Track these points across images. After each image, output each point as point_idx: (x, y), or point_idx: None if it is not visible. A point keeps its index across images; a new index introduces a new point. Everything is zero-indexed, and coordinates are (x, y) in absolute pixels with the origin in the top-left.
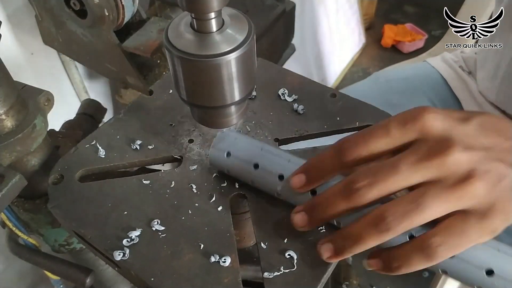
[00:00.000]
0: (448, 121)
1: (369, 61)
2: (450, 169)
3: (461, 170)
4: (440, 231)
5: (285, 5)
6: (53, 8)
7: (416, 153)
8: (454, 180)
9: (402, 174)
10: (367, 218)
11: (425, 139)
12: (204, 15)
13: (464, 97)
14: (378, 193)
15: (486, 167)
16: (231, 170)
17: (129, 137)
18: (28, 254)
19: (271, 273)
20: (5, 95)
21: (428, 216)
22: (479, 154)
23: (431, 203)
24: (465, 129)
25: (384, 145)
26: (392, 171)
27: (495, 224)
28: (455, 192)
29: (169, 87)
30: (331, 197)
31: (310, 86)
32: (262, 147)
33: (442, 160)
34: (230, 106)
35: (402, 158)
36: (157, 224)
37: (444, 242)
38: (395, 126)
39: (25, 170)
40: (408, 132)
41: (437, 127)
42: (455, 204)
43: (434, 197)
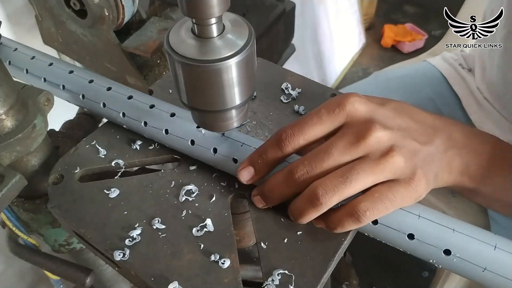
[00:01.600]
0: (369, 105)
1: (369, 61)
2: (373, 146)
3: (383, 146)
4: (367, 197)
5: (285, 5)
6: (53, 8)
7: (345, 137)
8: (377, 155)
9: (334, 157)
10: (304, 195)
11: (351, 122)
12: (205, 21)
13: (464, 94)
14: (316, 177)
15: (403, 143)
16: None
17: (129, 137)
18: (28, 254)
19: (271, 272)
20: (5, 95)
21: (356, 188)
22: (396, 133)
23: (358, 176)
24: (384, 112)
25: (318, 132)
26: (325, 157)
27: (418, 190)
28: (379, 164)
29: (169, 87)
30: (276, 185)
31: (310, 86)
32: None
33: (367, 140)
34: (231, 110)
35: (333, 143)
36: (157, 224)
37: (371, 207)
38: (325, 113)
39: (25, 170)
40: (337, 117)
41: (361, 110)
42: (379, 175)
43: (361, 171)
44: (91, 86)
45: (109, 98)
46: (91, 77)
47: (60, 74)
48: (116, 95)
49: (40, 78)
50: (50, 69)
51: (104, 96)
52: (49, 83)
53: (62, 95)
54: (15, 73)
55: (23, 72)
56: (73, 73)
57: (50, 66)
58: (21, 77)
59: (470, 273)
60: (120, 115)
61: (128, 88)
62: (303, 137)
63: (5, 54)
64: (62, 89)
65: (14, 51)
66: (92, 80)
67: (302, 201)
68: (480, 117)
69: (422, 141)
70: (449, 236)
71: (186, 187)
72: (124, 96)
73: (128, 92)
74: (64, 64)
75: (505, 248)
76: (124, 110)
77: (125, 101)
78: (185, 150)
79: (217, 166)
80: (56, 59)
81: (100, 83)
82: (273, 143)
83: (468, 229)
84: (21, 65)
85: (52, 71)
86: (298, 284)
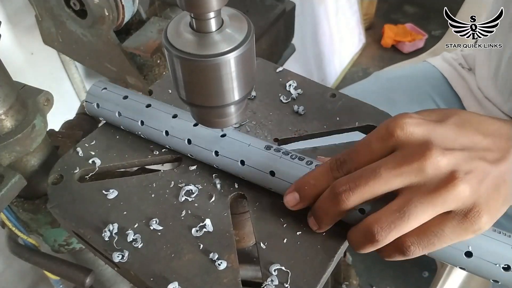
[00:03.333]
0: (424, 125)
1: (369, 61)
2: (430, 172)
3: (442, 173)
4: (415, 231)
5: (285, 5)
6: (53, 8)
7: (396, 158)
8: (436, 184)
9: (381, 178)
10: (359, 229)
11: (404, 145)
12: (203, 15)
13: (464, 94)
14: (360, 197)
15: (468, 167)
16: None
17: (129, 137)
18: (28, 254)
19: (270, 273)
20: (5, 95)
21: (415, 223)
22: (459, 154)
23: (417, 210)
24: (443, 131)
25: (369, 161)
26: (371, 176)
27: (478, 224)
28: (439, 196)
29: (169, 87)
30: (322, 204)
31: (310, 86)
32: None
33: (421, 164)
34: (230, 106)
35: (382, 163)
36: (156, 224)
37: (417, 242)
38: (375, 141)
39: (25, 170)
40: (387, 143)
41: (414, 133)
42: (440, 208)
43: (418, 203)
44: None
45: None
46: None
47: None
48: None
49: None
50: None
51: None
52: None
53: None
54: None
55: None
56: None
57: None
58: None
59: None
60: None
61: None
62: (355, 164)
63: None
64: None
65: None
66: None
67: (359, 235)
68: None
69: (493, 159)
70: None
71: (186, 187)
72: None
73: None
74: None
75: None
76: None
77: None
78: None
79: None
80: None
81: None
82: (325, 170)
83: None
84: None
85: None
86: (298, 284)
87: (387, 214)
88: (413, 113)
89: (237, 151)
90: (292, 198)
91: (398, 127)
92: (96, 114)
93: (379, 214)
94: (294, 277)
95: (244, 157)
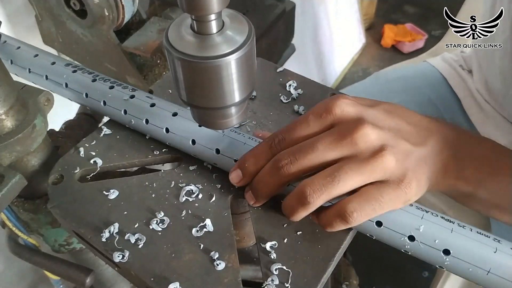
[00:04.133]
0: (358, 106)
1: (369, 61)
2: (362, 144)
3: (373, 146)
4: (355, 198)
5: (285, 5)
6: (53, 8)
7: (332, 133)
8: (367, 155)
9: (319, 152)
10: (293, 193)
11: (340, 123)
12: (204, 17)
13: (464, 96)
14: (299, 169)
15: (394, 143)
16: None
17: (129, 137)
18: (28, 254)
19: (270, 273)
20: (5, 95)
21: (344, 188)
22: (387, 132)
23: (346, 176)
24: (374, 112)
25: (307, 138)
26: (309, 149)
27: (407, 193)
28: (368, 164)
29: (169, 87)
30: (262, 177)
31: (310, 86)
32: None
33: (355, 137)
34: (231, 107)
35: (320, 138)
36: (156, 224)
37: (358, 208)
38: (312, 118)
39: (25, 170)
40: (325, 121)
41: (349, 111)
42: (369, 176)
43: (349, 170)
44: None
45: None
46: (94, 75)
47: (63, 72)
48: (139, 102)
49: (42, 76)
50: (52, 68)
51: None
52: (51, 81)
53: (65, 94)
54: (18, 72)
55: (25, 71)
56: (77, 72)
57: (52, 65)
58: (23, 75)
59: (472, 275)
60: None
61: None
62: (293, 141)
63: (7, 53)
64: (65, 87)
65: (17, 50)
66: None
67: (292, 199)
68: (480, 119)
69: (415, 143)
70: (448, 236)
71: (186, 188)
72: (147, 104)
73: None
74: (66, 62)
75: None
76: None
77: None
78: (186, 149)
79: (217, 165)
80: (57, 57)
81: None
82: (264, 147)
83: (467, 230)
84: (24, 64)
85: (54, 69)
86: (298, 284)
87: (319, 178)
88: (347, 96)
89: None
90: (236, 175)
91: (336, 106)
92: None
93: (312, 178)
94: (294, 277)
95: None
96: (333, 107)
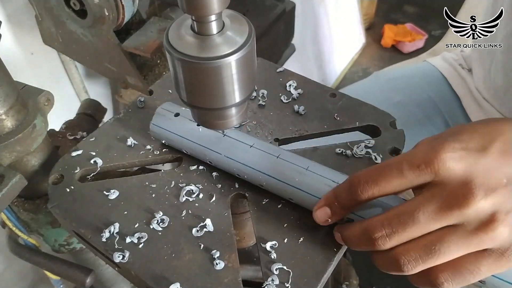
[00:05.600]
0: (466, 160)
1: (369, 61)
2: (471, 217)
3: (483, 215)
4: (449, 267)
5: (285, 5)
6: (53, 8)
7: (435, 201)
8: (475, 225)
9: (420, 224)
10: (385, 257)
11: (443, 182)
12: (204, 18)
13: (463, 94)
14: (397, 242)
15: (508, 206)
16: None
17: (129, 137)
18: (28, 254)
19: (271, 273)
20: (5, 95)
21: (445, 260)
22: (501, 193)
23: (450, 249)
24: (486, 163)
25: (396, 187)
26: (410, 222)
27: (511, 260)
28: (476, 237)
29: (169, 87)
30: (354, 238)
31: (310, 86)
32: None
33: (463, 208)
34: (231, 107)
35: (421, 206)
36: (156, 224)
37: (451, 279)
38: (408, 168)
39: (25, 170)
40: (423, 175)
41: (456, 169)
42: (474, 248)
43: (452, 243)
44: None
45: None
46: None
47: None
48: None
49: None
50: None
51: None
52: None
53: None
54: None
55: None
56: None
57: None
58: None
59: None
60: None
61: None
62: (378, 189)
63: None
64: None
65: None
66: None
67: (385, 261)
68: (479, 118)
69: None
70: None
71: (187, 188)
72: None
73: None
74: None
75: None
76: None
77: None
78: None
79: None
80: None
81: None
82: (346, 188)
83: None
84: None
85: None
86: (298, 284)
87: (417, 248)
88: (453, 141)
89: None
90: (323, 213)
91: (438, 161)
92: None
93: (409, 246)
94: (294, 277)
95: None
96: (435, 162)
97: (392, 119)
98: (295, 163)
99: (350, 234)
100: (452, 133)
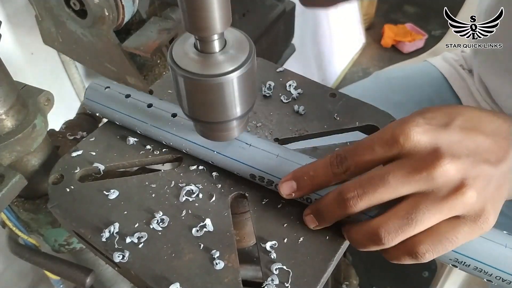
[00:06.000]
0: (430, 132)
1: (369, 61)
2: (439, 181)
3: (451, 181)
4: (428, 238)
5: (285, 5)
6: (53, 8)
7: (404, 166)
8: (445, 191)
9: (390, 186)
10: (364, 231)
11: (410, 153)
12: (207, 37)
13: (464, 95)
14: (368, 203)
15: (475, 172)
16: None
17: (129, 137)
18: (28, 254)
19: (270, 273)
20: (5, 95)
21: (421, 228)
22: (466, 161)
23: (424, 216)
24: (449, 136)
25: (370, 162)
26: (380, 183)
27: (485, 228)
28: (447, 203)
29: (169, 87)
30: (327, 206)
31: (310, 86)
32: None
33: (431, 173)
34: (232, 121)
35: (391, 170)
36: (156, 224)
37: (431, 249)
38: (378, 144)
39: (25, 170)
40: (392, 149)
41: (421, 141)
42: (447, 214)
43: (426, 210)
44: None
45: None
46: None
47: None
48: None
49: None
50: None
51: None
52: None
53: None
54: None
55: None
56: None
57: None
58: None
59: None
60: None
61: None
62: (354, 163)
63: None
64: None
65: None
66: None
67: (363, 237)
68: None
69: (496, 160)
70: None
71: (187, 188)
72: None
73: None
74: None
75: None
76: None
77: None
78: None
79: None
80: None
81: None
82: (325, 164)
83: None
84: None
85: None
86: (298, 284)
87: (394, 219)
88: (417, 117)
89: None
90: (289, 186)
91: (404, 135)
92: (96, 111)
93: (385, 218)
94: (294, 277)
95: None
96: (400, 137)
97: (392, 119)
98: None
99: (324, 201)
100: (418, 112)
